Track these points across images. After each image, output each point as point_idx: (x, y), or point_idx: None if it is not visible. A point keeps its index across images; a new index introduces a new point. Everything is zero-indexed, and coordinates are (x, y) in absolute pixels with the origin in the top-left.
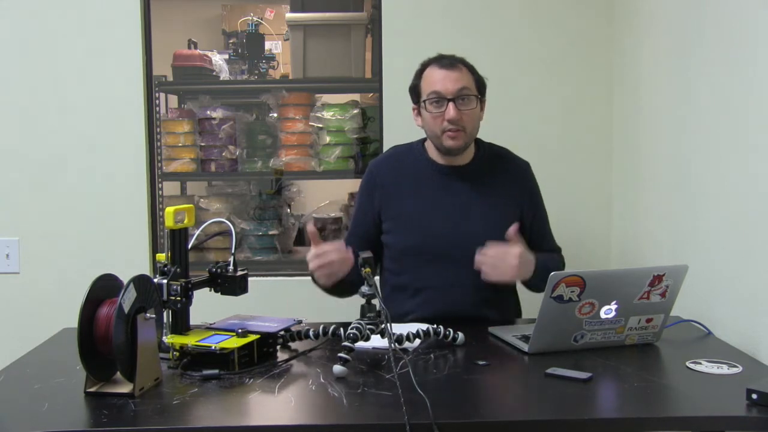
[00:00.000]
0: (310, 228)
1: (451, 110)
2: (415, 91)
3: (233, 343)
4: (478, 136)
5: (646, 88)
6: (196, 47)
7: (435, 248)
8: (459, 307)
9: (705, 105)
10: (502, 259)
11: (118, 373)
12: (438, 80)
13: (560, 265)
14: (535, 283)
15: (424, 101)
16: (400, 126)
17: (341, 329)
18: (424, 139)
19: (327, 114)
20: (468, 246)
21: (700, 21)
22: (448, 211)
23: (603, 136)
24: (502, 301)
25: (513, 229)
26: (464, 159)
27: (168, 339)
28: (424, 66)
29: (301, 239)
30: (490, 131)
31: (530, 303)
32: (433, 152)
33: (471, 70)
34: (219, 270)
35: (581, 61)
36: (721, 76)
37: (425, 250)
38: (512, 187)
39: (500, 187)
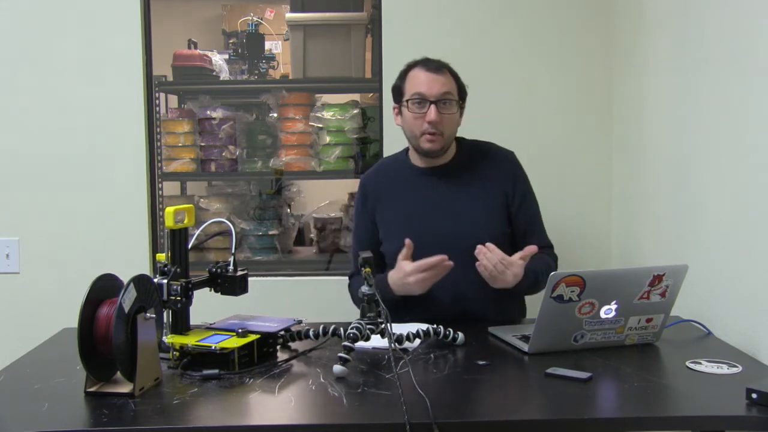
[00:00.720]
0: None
1: (432, 112)
2: (398, 91)
3: (233, 343)
4: (465, 135)
5: (646, 88)
6: (196, 47)
7: (425, 247)
8: (459, 306)
9: (705, 105)
10: (501, 272)
11: (118, 373)
12: (423, 82)
13: (552, 264)
14: (519, 289)
15: (407, 101)
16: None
17: (341, 329)
18: (408, 148)
19: (327, 114)
20: (458, 242)
21: (700, 20)
22: (433, 212)
23: (603, 136)
24: (500, 300)
25: (524, 253)
26: (444, 159)
27: (168, 339)
28: (409, 67)
29: (301, 239)
30: (489, 131)
31: (531, 303)
32: (414, 157)
33: (455, 76)
34: (219, 270)
35: (581, 60)
36: (722, 75)
37: (416, 252)
38: (494, 175)
39: (482, 178)
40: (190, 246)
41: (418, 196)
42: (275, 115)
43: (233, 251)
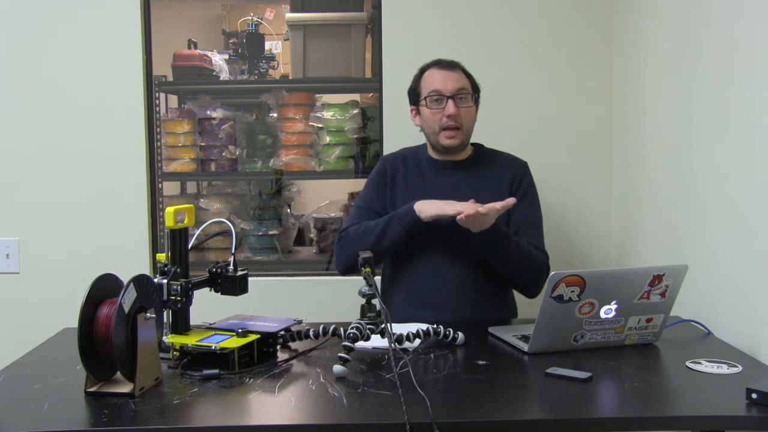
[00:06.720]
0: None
1: (450, 106)
2: (414, 93)
3: (233, 343)
4: (480, 141)
5: (646, 87)
6: (196, 47)
7: (425, 234)
8: (452, 301)
9: (705, 105)
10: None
11: (118, 373)
12: (438, 80)
13: (538, 256)
14: (496, 237)
15: (425, 98)
16: (400, 126)
17: (341, 329)
18: (426, 144)
19: (327, 114)
20: (457, 234)
21: (700, 20)
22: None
23: (603, 136)
24: (494, 294)
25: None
26: (459, 156)
27: (168, 339)
28: (424, 69)
29: (301, 239)
30: (489, 131)
31: (530, 303)
32: (432, 151)
33: (467, 74)
34: (219, 270)
35: (581, 61)
36: (722, 75)
37: (416, 237)
38: (502, 179)
39: (491, 179)
40: (190, 246)
41: (424, 184)
42: (275, 115)
43: (233, 251)
